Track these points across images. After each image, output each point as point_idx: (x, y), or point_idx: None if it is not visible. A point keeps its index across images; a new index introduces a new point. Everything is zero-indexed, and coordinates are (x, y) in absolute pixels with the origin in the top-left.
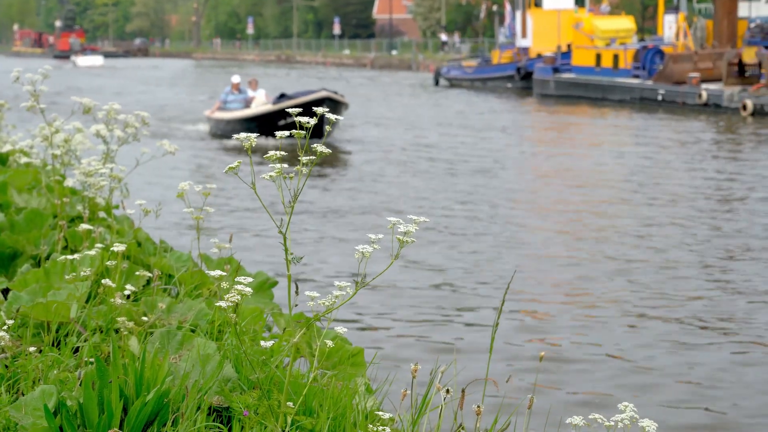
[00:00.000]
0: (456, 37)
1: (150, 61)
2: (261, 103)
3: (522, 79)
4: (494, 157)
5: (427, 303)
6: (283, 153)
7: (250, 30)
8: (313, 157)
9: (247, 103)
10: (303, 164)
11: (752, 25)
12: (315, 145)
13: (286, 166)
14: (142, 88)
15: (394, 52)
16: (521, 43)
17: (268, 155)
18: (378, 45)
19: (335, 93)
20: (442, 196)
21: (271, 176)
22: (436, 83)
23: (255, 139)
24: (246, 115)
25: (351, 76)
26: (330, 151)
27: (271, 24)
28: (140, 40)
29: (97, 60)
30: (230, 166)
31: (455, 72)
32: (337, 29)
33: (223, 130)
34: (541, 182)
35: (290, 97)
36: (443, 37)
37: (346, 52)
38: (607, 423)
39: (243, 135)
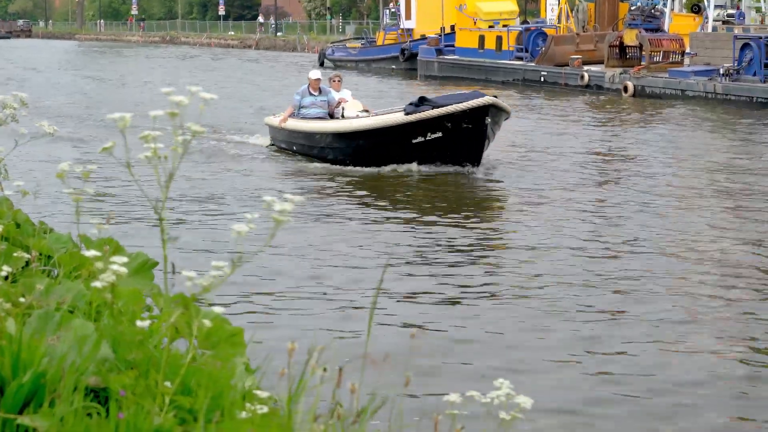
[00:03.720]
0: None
1: (32, 42)
2: (358, 109)
3: (406, 61)
4: None
5: (309, 283)
6: (158, 133)
7: (134, 11)
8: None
9: (331, 109)
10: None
11: (633, 7)
12: (471, 170)
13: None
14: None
15: (279, 34)
16: (405, 24)
17: (142, 135)
18: (263, 26)
19: (496, 97)
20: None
21: (146, 156)
22: (321, 64)
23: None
24: (353, 129)
25: (236, 56)
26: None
27: (155, 5)
28: (23, 21)
29: None
30: (104, 146)
31: (340, 53)
32: (222, 10)
33: (307, 149)
34: None
35: (435, 103)
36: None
37: (231, 33)
38: (484, 399)
39: (117, 115)
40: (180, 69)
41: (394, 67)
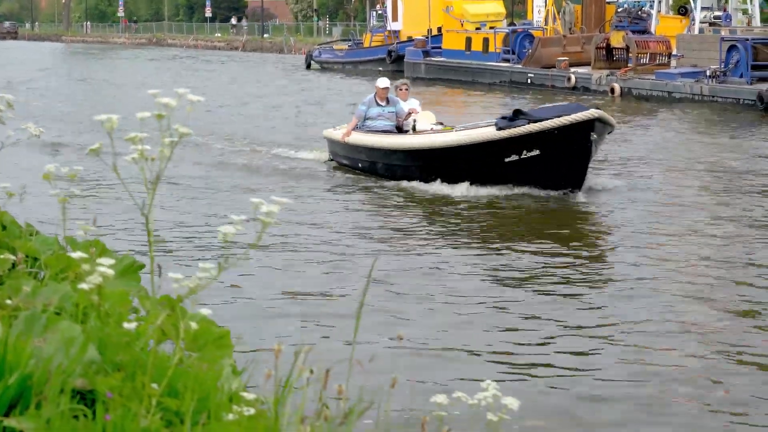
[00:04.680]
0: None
1: (19, 43)
2: (431, 121)
3: (393, 63)
4: None
5: (297, 285)
6: (145, 135)
7: (120, 13)
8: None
9: (399, 121)
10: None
11: (620, 9)
12: (573, 194)
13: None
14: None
15: (266, 36)
16: (392, 26)
17: (128, 137)
18: (250, 28)
19: (598, 109)
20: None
21: (133, 158)
22: (308, 66)
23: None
24: (438, 145)
25: (223, 58)
26: None
27: (142, 7)
28: (9, 22)
29: None
30: (91, 147)
31: (327, 55)
32: (208, 12)
33: (377, 167)
34: None
35: (532, 117)
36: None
37: (218, 35)
38: (471, 401)
39: (104, 116)
40: (184, 74)
41: (381, 68)
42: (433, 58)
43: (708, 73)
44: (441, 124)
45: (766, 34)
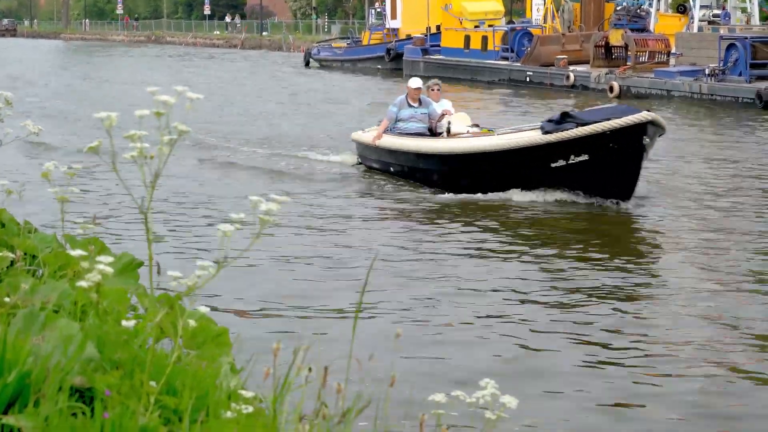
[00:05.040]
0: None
1: (18, 41)
2: (466, 123)
3: (392, 61)
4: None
5: (295, 283)
6: (144, 133)
7: (119, 10)
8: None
9: (432, 123)
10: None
11: (619, 8)
12: (623, 205)
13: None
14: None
15: (265, 33)
16: (391, 24)
17: (128, 134)
18: (249, 26)
19: (650, 111)
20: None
21: (132, 156)
22: (307, 64)
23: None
24: (479, 149)
25: (224, 56)
26: None
27: (141, 5)
28: (8, 20)
29: None
30: (90, 145)
31: (325, 53)
32: (207, 10)
33: (411, 171)
34: None
35: (581, 120)
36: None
37: (217, 32)
38: (469, 399)
39: (103, 114)
40: (187, 73)
41: (379, 66)
42: (431, 56)
43: (707, 72)
44: (477, 126)
45: (764, 33)
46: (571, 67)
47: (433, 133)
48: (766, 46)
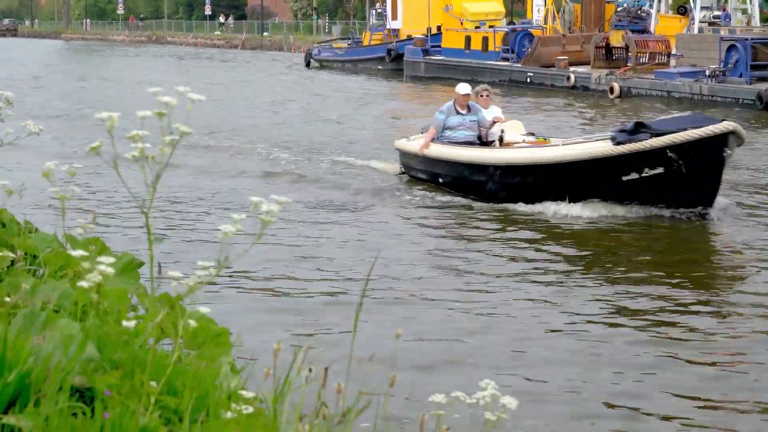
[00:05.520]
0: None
1: (19, 41)
2: (520, 131)
3: (392, 61)
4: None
5: (294, 283)
6: (145, 132)
7: (120, 10)
8: None
9: (481, 131)
10: None
11: (619, 9)
12: (707, 213)
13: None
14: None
15: (265, 34)
16: (392, 25)
17: (129, 135)
18: (249, 26)
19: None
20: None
21: (133, 156)
22: (307, 65)
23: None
24: (543, 161)
25: (225, 56)
26: None
27: (141, 5)
28: (9, 20)
29: None
30: (92, 145)
31: (326, 53)
32: (208, 10)
33: (462, 182)
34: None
35: (656, 130)
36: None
37: (218, 33)
38: (469, 400)
39: (105, 114)
40: (194, 72)
41: (380, 67)
42: (432, 57)
43: (707, 73)
44: (532, 134)
45: (765, 34)
46: (572, 68)
47: (482, 141)
48: (767, 48)
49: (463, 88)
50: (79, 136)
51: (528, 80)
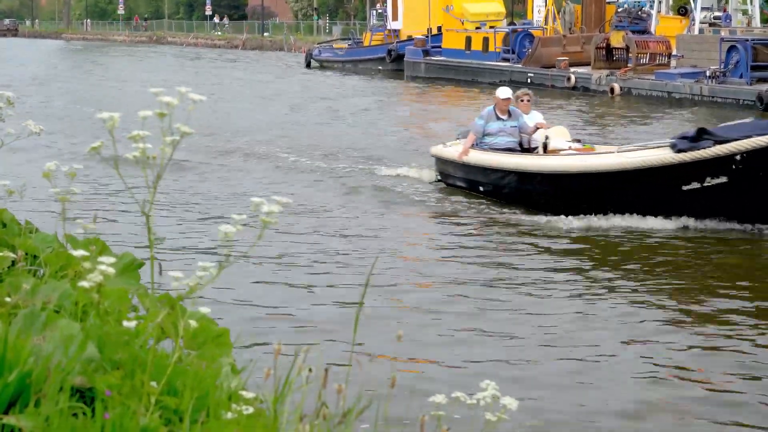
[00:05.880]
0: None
1: (19, 41)
2: (565, 138)
3: (393, 62)
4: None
5: (295, 283)
6: (146, 133)
7: (121, 10)
8: None
9: (523, 137)
10: None
11: (620, 9)
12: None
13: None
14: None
15: (266, 34)
16: (392, 25)
17: (131, 135)
18: (250, 26)
19: None
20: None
21: (134, 156)
22: (308, 65)
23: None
24: (595, 169)
25: (225, 57)
26: None
27: (142, 5)
28: (9, 20)
29: None
30: (93, 145)
31: (326, 54)
32: (208, 10)
33: (506, 191)
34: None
35: (720, 137)
36: None
37: (218, 33)
38: (469, 401)
39: (106, 114)
40: (204, 73)
41: (380, 68)
42: (432, 58)
43: (708, 74)
44: (578, 141)
45: (765, 35)
46: (572, 69)
47: (523, 148)
48: (767, 48)
49: (504, 92)
50: (80, 137)
51: (528, 81)
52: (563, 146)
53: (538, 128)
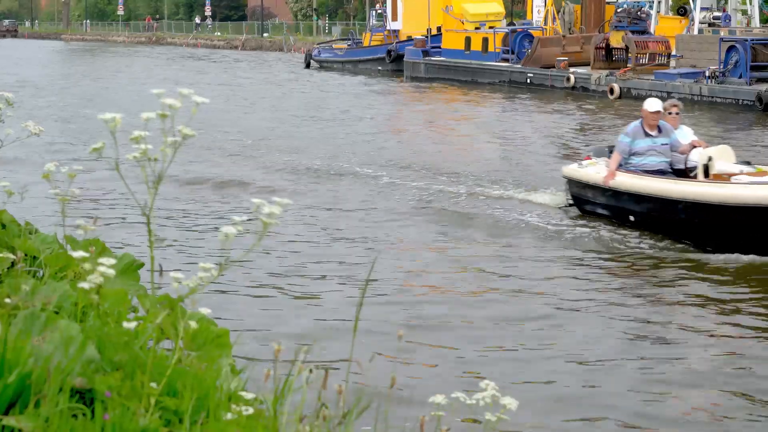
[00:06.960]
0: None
1: (19, 42)
2: (731, 160)
3: (392, 62)
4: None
5: (293, 285)
6: (147, 133)
7: (120, 11)
8: None
9: (674, 156)
10: None
11: (619, 9)
12: None
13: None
14: None
15: (266, 35)
16: (392, 25)
17: (132, 136)
18: (249, 27)
19: None
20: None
21: (134, 157)
22: (307, 65)
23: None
24: None
25: (224, 58)
26: None
27: (141, 5)
28: (9, 21)
29: None
30: (94, 146)
31: (326, 54)
32: (208, 11)
33: (662, 223)
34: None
35: None
36: None
37: (218, 34)
38: (469, 401)
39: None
40: (212, 74)
41: (380, 68)
42: (432, 58)
43: (707, 74)
44: (748, 163)
45: (765, 35)
46: (572, 69)
47: (674, 169)
48: (767, 49)
49: (654, 104)
50: (81, 137)
51: (528, 81)
52: (732, 170)
53: (694, 146)
